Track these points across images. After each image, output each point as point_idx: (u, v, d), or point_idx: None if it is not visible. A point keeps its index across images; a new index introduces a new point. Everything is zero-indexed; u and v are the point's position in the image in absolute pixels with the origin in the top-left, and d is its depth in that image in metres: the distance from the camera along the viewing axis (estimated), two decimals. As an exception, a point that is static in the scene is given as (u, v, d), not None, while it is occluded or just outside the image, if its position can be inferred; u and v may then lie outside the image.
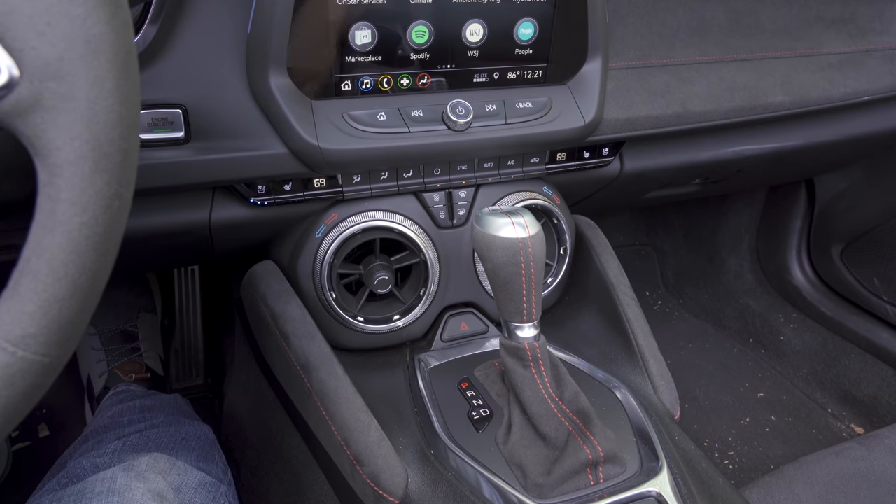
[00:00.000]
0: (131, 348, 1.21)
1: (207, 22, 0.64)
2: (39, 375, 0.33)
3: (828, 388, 1.44)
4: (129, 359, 1.19)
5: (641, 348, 0.82)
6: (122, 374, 1.16)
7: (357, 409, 0.67)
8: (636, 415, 0.70)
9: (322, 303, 0.79)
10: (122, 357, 1.19)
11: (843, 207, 1.42)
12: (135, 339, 1.23)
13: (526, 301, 0.61)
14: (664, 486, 0.62)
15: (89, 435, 0.83)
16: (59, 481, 0.68)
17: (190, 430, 0.82)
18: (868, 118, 1.08)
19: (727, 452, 1.32)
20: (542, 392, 0.63)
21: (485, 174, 0.82)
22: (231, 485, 0.75)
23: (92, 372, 1.18)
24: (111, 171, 0.33)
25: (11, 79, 0.31)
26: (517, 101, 0.76)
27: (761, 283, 1.65)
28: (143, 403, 0.95)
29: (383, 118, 0.70)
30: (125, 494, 0.61)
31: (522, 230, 0.58)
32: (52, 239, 0.32)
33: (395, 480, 0.63)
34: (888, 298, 1.36)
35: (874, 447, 0.82)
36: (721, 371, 1.52)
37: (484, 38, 0.72)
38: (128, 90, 0.34)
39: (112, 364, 1.17)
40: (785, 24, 0.95)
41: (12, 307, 0.32)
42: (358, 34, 0.67)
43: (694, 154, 1.00)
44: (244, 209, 0.76)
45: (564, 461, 0.61)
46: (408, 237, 0.79)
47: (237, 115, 0.67)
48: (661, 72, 0.87)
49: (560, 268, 0.90)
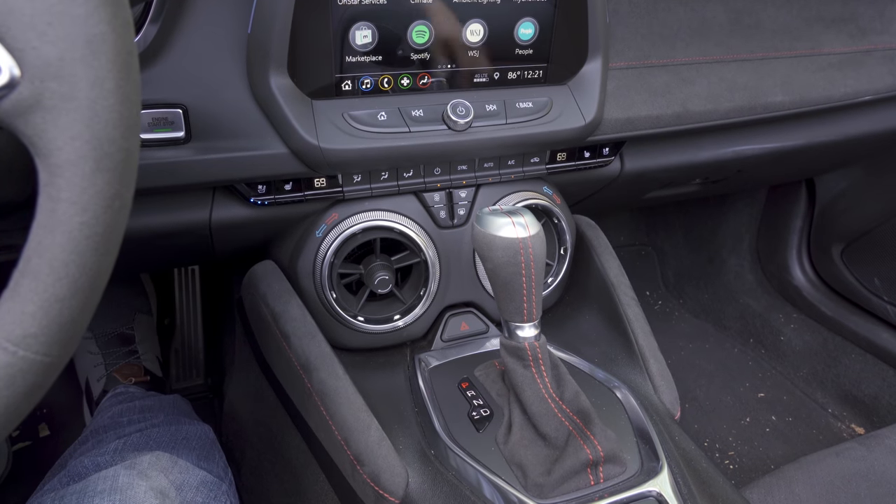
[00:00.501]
0: (128, 351, 1.21)
1: (208, 22, 0.64)
2: (40, 375, 0.33)
3: (828, 388, 1.44)
4: (126, 362, 1.19)
5: (642, 348, 0.82)
6: (121, 378, 1.16)
7: (357, 408, 0.67)
8: (636, 415, 0.70)
9: (322, 302, 0.79)
10: (120, 360, 1.19)
11: (843, 207, 1.42)
12: (132, 342, 1.23)
13: (526, 301, 0.61)
14: (664, 486, 0.62)
15: (89, 435, 0.83)
16: (60, 480, 0.68)
17: (190, 430, 0.82)
18: (868, 118, 1.08)
19: (727, 452, 1.32)
20: (542, 392, 0.62)
21: (485, 174, 0.82)
22: (231, 484, 0.76)
23: (90, 376, 1.18)
24: (112, 170, 0.33)
25: (12, 78, 0.31)
26: (517, 100, 0.76)
27: (761, 283, 1.65)
28: (143, 404, 0.95)
29: (384, 118, 0.70)
30: (127, 492, 0.61)
31: (523, 230, 0.58)
32: (52, 239, 0.32)
33: (395, 480, 0.63)
34: (888, 298, 1.36)
35: (875, 447, 0.82)
36: (721, 371, 1.51)
37: (484, 37, 0.72)
38: (128, 90, 0.34)
39: (110, 368, 1.17)
40: (785, 24, 0.95)
41: (13, 307, 0.32)
42: (358, 34, 0.67)
43: (694, 154, 1.00)
44: (244, 209, 0.76)
45: (565, 461, 0.61)
46: (408, 237, 0.79)
47: (237, 115, 0.67)
48: (662, 72, 0.87)
49: (560, 268, 0.90)
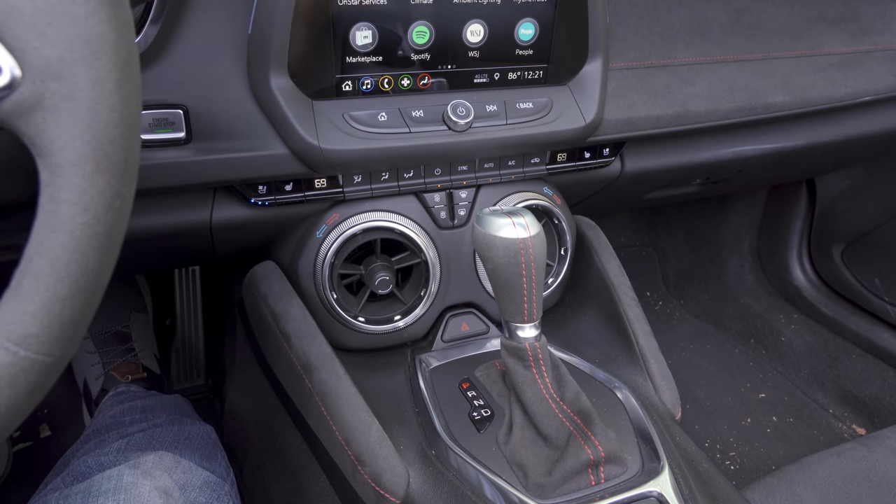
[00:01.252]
0: (126, 349, 1.21)
1: (208, 22, 0.64)
2: (41, 375, 0.34)
3: (829, 389, 1.44)
4: (124, 360, 1.19)
5: (642, 349, 0.82)
6: (119, 376, 1.16)
7: (358, 409, 0.67)
8: (637, 415, 0.70)
9: (323, 303, 0.79)
10: (118, 358, 1.19)
11: (843, 208, 1.42)
12: (128, 340, 1.23)
13: (527, 301, 0.61)
14: (665, 487, 0.62)
15: (91, 434, 0.83)
16: (63, 480, 0.68)
17: (193, 430, 0.82)
18: (869, 118, 1.08)
19: (728, 453, 1.31)
20: (543, 392, 0.62)
21: (485, 174, 0.82)
22: (233, 484, 0.76)
23: (88, 375, 1.18)
24: (113, 171, 0.33)
25: (13, 79, 0.31)
26: (518, 101, 0.76)
27: (762, 283, 1.64)
28: (145, 403, 0.95)
29: (384, 118, 0.70)
30: (132, 492, 0.61)
31: (523, 230, 0.58)
32: (53, 239, 0.32)
33: (396, 480, 0.63)
34: (889, 299, 1.36)
35: (875, 448, 0.82)
36: (722, 371, 1.51)
37: (484, 38, 0.72)
38: (129, 90, 0.34)
39: (107, 366, 1.17)
40: (786, 24, 0.95)
41: (14, 307, 0.32)
42: (359, 35, 0.67)
43: (694, 154, 1.00)
44: (245, 210, 0.76)
45: (565, 461, 0.61)
46: (408, 237, 0.79)
47: (238, 116, 0.67)
48: (662, 72, 0.87)
49: (561, 268, 0.90)
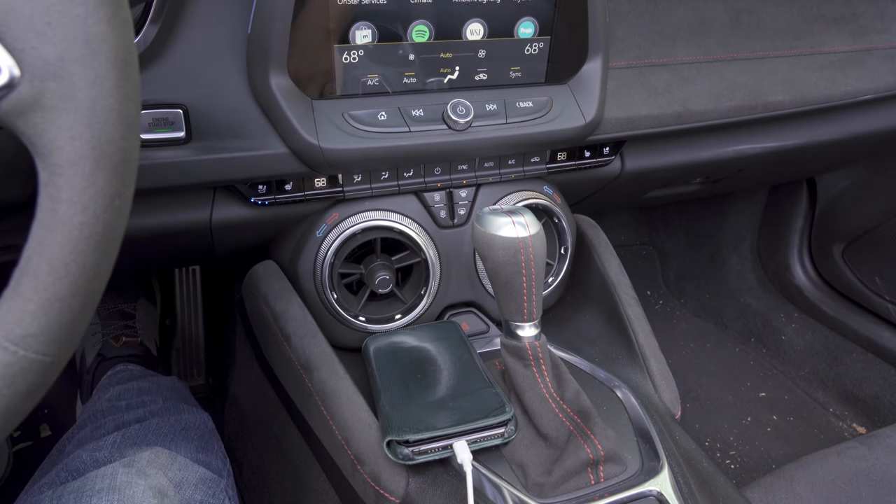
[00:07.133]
0: (126, 325, 1.23)
1: (208, 22, 0.64)
2: (40, 374, 0.34)
3: (829, 388, 1.44)
4: (123, 332, 1.21)
5: (642, 348, 0.82)
6: (115, 342, 1.18)
7: (358, 408, 0.67)
8: (637, 414, 0.70)
9: (323, 302, 0.79)
10: (118, 331, 1.21)
11: (844, 206, 1.42)
12: (131, 318, 1.24)
13: (527, 300, 0.61)
14: (665, 486, 0.61)
15: (87, 419, 0.82)
16: (58, 474, 0.68)
17: (189, 420, 0.81)
18: (869, 117, 1.08)
19: (728, 452, 1.31)
20: (542, 391, 0.62)
21: (485, 174, 0.82)
22: (230, 475, 0.75)
23: (86, 344, 1.20)
24: (112, 170, 0.33)
25: (12, 78, 0.31)
26: (518, 100, 0.76)
27: (762, 282, 1.64)
28: (141, 385, 0.94)
29: (384, 118, 0.70)
30: (126, 492, 0.61)
31: (523, 229, 0.58)
32: (52, 238, 0.32)
33: (395, 480, 0.63)
34: (890, 297, 1.36)
35: (876, 447, 0.82)
36: (722, 370, 1.51)
37: (484, 37, 0.72)
38: (128, 90, 0.34)
39: (107, 336, 1.19)
40: (786, 23, 0.95)
41: (13, 306, 0.32)
42: (358, 34, 0.67)
43: (695, 153, 1.00)
44: (245, 209, 0.76)
45: (565, 460, 0.61)
46: (408, 237, 0.79)
47: (238, 115, 0.67)
48: (662, 71, 0.87)
49: (561, 267, 0.90)
